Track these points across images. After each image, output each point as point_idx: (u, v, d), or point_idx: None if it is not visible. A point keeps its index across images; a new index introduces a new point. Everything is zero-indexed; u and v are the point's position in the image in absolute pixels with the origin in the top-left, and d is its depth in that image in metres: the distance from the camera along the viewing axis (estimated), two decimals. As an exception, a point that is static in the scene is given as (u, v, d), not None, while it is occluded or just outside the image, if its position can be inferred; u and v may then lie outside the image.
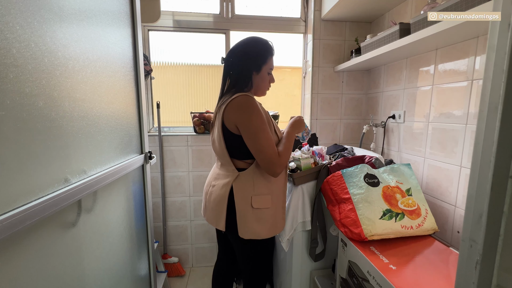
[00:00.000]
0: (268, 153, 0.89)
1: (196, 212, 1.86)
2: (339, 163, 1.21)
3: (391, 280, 0.76)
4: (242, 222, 0.95)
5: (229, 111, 0.90)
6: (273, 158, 0.89)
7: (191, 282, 1.77)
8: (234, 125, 0.91)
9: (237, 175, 0.96)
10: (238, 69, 0.96)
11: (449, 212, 1.14)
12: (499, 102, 0.32)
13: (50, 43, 0.55)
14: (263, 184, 0.97)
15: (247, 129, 0.88)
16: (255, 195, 0.96)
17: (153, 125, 1.85)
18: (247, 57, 0.94)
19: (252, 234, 0.95)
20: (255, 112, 0.88)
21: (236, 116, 0.89)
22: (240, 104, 0.88)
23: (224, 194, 0.96)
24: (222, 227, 0.97)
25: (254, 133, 0.88)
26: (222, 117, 0.92)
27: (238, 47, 0.97)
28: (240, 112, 0.88)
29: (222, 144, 0.96)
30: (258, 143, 0.88)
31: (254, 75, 0.97)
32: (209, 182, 1.07)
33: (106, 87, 0.79)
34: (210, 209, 1.02)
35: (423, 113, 1.28)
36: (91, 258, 0.73)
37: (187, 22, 1.74)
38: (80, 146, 0.65)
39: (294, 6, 1.85)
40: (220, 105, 0.97)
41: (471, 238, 0.36)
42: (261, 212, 0.96)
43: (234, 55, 0.97)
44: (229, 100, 0.91)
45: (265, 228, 0.98)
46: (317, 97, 1.80)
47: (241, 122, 0.88)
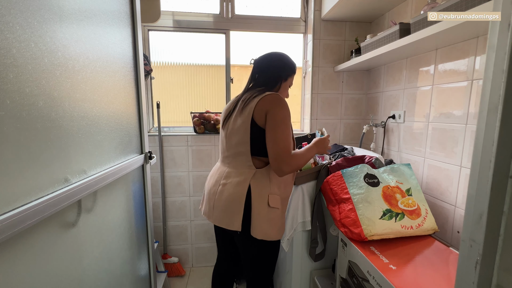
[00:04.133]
0: (282, 146, 0.91)
1: (196, 212, 1.86)
2: (339, 163, 1.21)
3: (391, 280, 0.76)
4: (256, 221, 0.94)
5: (263, 103, 0.93)
6: (285, 153, 0.91)
7: (191, 282, 1.77)
8: (264, 115, 0.92)
9: (254, 172, 0.95)
10: (269, 72, 1.03)
11: (449, 212, 1.14)
12: (499, 102, 0.32)
13: (50, 43, 0.55)
14: (276, 184, 0.98)
15: (273, 119, 0.91)
16: (271, 194, 0.96)
17: (153, 125, 1.85)
18: (280, 65, 1.04)
19: (264, 235, 0.95)
20: (285, 108, 0.93)
21: (269, 107, 0.92)
22: (276, 98, 0.94)
23: (241, 192, 0.94)
24: (237, 227, 0.94)
25: (278, 123, 0.91)
26: (253, 110, 0.93)
27: (274, 55, 1.06)
28: (273, 104, 0.92)
29: (246, 136, 0.95)
30: (277, 134, 0.91)
31: (282, 81, 1.05)
32: (216, 181, 1.03)
33: (106, 87, 0.79)
34: (221, 209, 0.98)
35: (423, 113, 1.28)
36: (91, 258, 0.73)
37: (187, 22, 1.74)
38: (80, 146, 0.65)
39: (294, 6, 1.85)
40: (247, 99, 0.97)
41: (471, 238, 0.36)
42: (273, 212, 0.96)
43: (268, 59, 1.05)
44: (264, 95, 0.94)
45: (275, 229, 0.98)
46: (317, 97, 1.80)
47: (271, 112, 0.92)
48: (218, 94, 1.87)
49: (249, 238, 0.96)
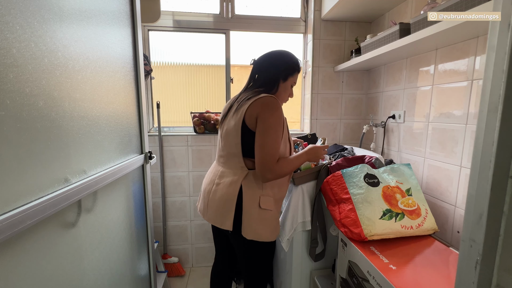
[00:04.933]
0: (268, 153, 0.90)
1: (196, 212, 1.86)
2: (339, 163, 1.21)
3: (391, 280, 0.76)
4: (247, 221, 0.94)
5: (254, 107, 0.92)
6: (270, 160, 0.90)
7: (191, 282, 1.77)
8: (255, 119, 0.92)
9: (246, 173, 0.95)
10: (268, 73, 1.01)
11: (449, 212, 1.14)
12: (499, 102, 0.32)
13: (50, 43, 0.55)
14: (269, 186, 0.98)
15: (262, 123, 0.91)
16: (263, 195, 0.96)
17: (153, 125, 1.85)
18: (279, 64, 1.01)
19: (255, 235, 0.95)
20: (276, 113, 0.92)
21: (259, 111, 0.91)
22: (267, 102, 0.92)
23: (232, 193, 0.95)
24: (228, 226, 0.95)
25: (266, 129, 0.90)
26: (245, 113, 0.93)
27: (273, 55, 1.03)
28: (264, 108, 0.91)
29: (237, 138, 0.95)
30: (265, 139, 0.90)
31: (280, 82, 1.02)
32: (211, 180, 1.04)
33: (106, 87, 0.79)
34: (214, 208, 0.99)
35: (423, 113, 1.28)
36: (91, 258, 0.73)
37: (187, 22, 1.74)
38: (80, 146, 0.65)
39: (294, 6, 1.85)
40: (242, 101, 0.97)
41: (471, 238, 0.36)
42: (265, 213, 0.96)
43: (268, 59, 1.03)
44: (257, 98, 0.93)
45: (268, 230, 0.98)
46: (317, 97, 1.80)
47: (261, 116, 0.91)
48: (218, 94, 1.88)
49: (241, 238, 0.96)
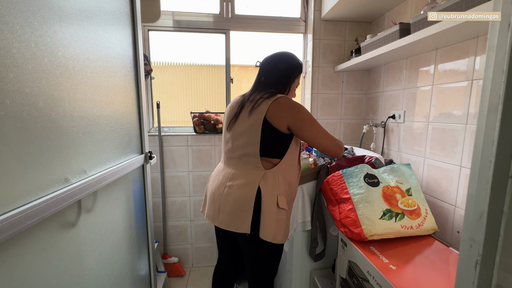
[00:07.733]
0: (326, 140, 0.98)
1: (196, 212, 1.86)
2: (339, 163, 1.21)
3: (391, 280, 0.76)
4: (266, 222, 0.92)
5: (278, 109, 0.92)
6: (332, 144, 1.00)
7: (191, 282, 1.77)
8: (284, 119, 0.93)
9: (263, 173, 0.94)
10: (279, 74, 1.02)
11: (449, 212, 1.14)
12: (499, 102, 0.32)
13: (50, 43, 0.55)
14: (283, 186, 0.97)
15: (301, 123, 0.94)
16: (280, 195, 0.95)
17: (153, 125, 1.85)
18: (288, 66, 1.03)
19: (273, 237, 0.93)
20: (303, 109, 0.96)
21: (290, 116, 0.93)
22: (290, 104, 0.94)
23: (249, 193, 0.92)
24: (246, 229, 0.92)
25: (308, 125, 0.95)
26: (266, 112, 0.92)
27: (281, 56, 1.04)
28: (292, 111, 0.93)
29: (255, 138, 0.94)
30: (313, 132, 0.96)
31: (291, 83, 1.05)
32: (221, 183, 1.00)
33: (106, 87, 0.79)
34: (227, 212, 0.95)
35: (423, 113, 1.28)
36: (91, 258, 0.73)
37: (187, 22, 1.74)
38: (80, 146, 0.65)
39: (294, 6, 1.85)
40: (256, 100, 0.96)
41: (471, 238, 0.36)
42: (281, 213, 0.95)
43: (276, 60, 1.03)
44: (276, 98, 0.93)
45: (282, 232, 0.97)
46: (317, 97, 1.80)
47: (296, 119, 0.93)
48: (218, 94, 1.87)
49: (257, 241, 0.94)
